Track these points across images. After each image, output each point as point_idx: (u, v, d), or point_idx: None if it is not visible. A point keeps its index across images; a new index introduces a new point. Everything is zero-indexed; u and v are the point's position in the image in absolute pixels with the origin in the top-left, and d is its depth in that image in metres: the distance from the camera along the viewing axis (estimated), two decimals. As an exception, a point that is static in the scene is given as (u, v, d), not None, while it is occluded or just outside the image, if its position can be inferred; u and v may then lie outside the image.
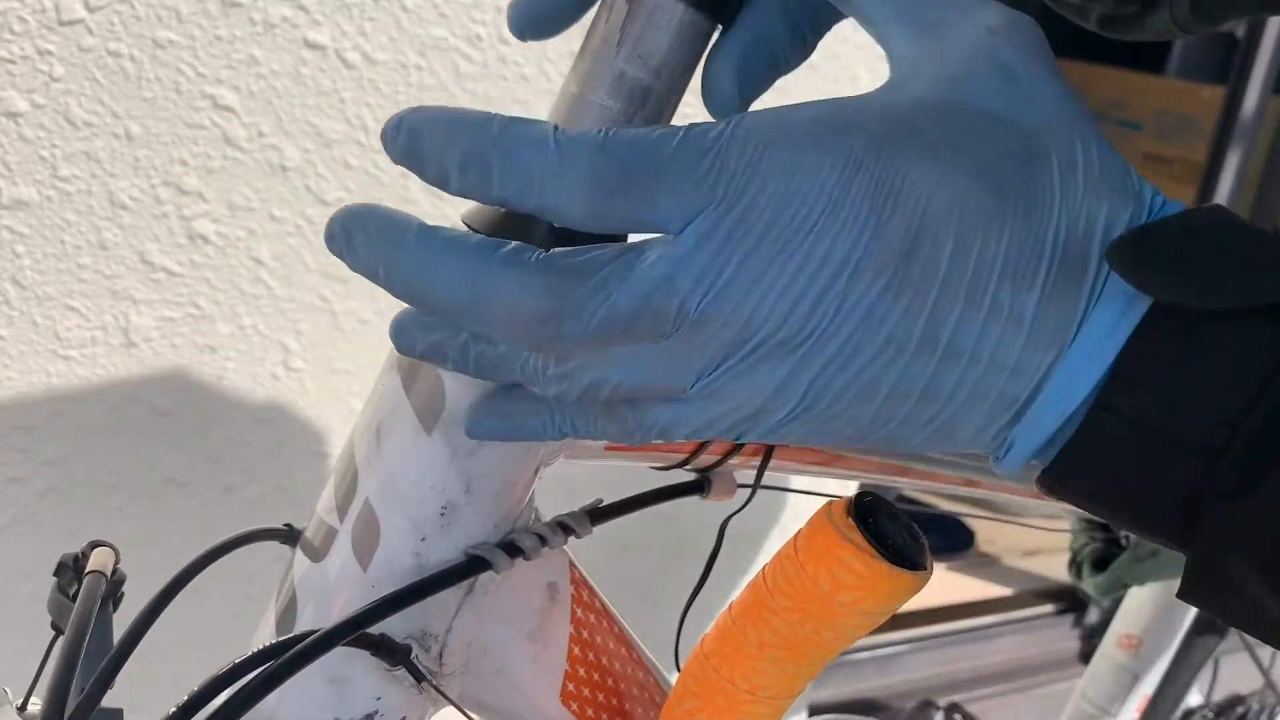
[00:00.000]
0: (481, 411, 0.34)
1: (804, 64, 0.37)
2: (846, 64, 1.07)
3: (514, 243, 0.29)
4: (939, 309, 0.29)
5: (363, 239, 0.30)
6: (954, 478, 0.60)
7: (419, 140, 0.29)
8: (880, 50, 0.33)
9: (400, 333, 0.32)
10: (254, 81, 0.78)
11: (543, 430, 0.33)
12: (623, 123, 0.34)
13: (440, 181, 0.30)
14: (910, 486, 0.60)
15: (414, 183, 0.87)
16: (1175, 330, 0.28)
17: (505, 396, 0.34)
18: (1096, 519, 0.95)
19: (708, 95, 0.36)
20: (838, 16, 0.36)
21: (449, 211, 0.88)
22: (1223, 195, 2.28)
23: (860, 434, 0.31)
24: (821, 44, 0.38)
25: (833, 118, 0.29)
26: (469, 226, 0.34)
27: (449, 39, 0.85)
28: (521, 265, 0.29)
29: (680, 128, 0.29)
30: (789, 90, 0.35)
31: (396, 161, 0.30)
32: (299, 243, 0.84)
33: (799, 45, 0.37)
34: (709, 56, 0.36)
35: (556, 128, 0.29)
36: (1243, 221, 0.29)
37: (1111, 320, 0.29)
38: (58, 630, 0.40)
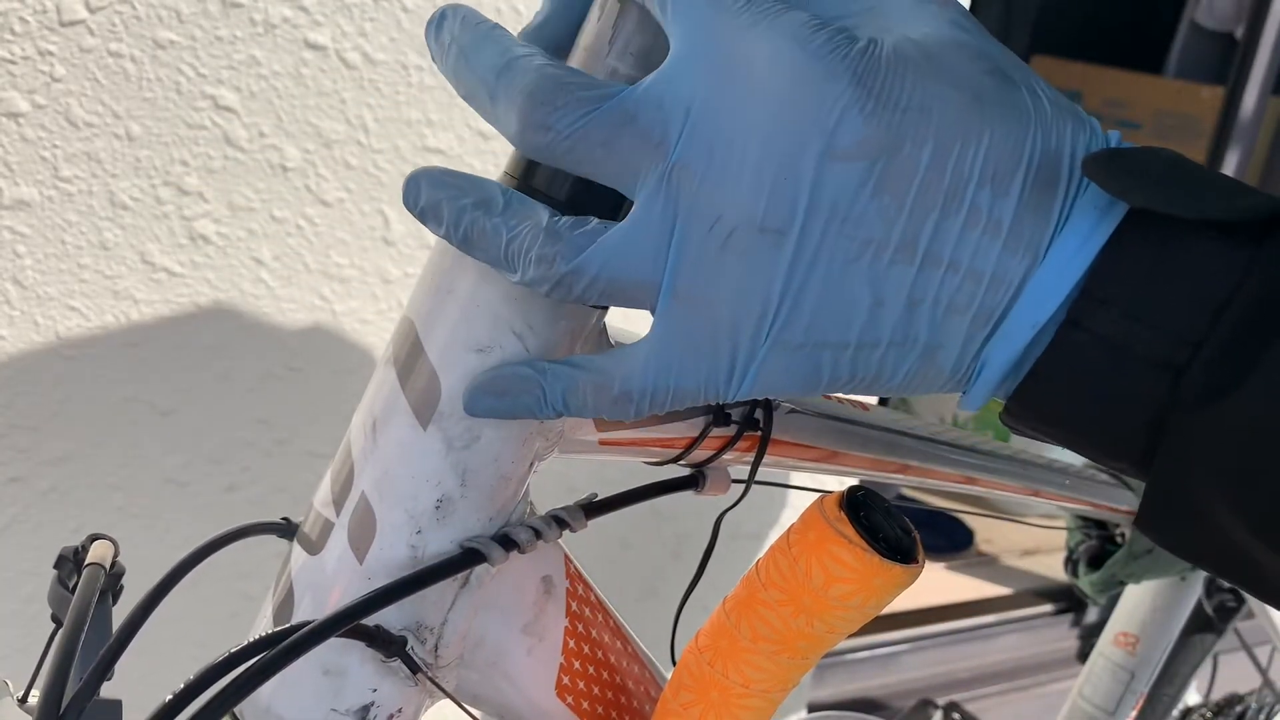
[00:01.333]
0: (479, 389, 0.35)
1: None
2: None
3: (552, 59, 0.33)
4: (917, 211, 0.29)
5: (450, 22, 0.34)
6: (953, 474, 0.60)
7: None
8: None
9: (412, 183, 0.34)
10: (255, 82, 0.78)
11: (537, 407, 0.35)
12: None
13: None
14: (909, 485, 0.60)
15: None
16: (1144, 246, 0.29)
17: (502, 375, 0.35)
18: (1091, 516, 0.95)
19: None
20: None
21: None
22: (1222, 195, 2.28)
23: (846, 369, 0.31)
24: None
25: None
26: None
27: (448, 40, 0.85)
28: (547, 65, 0.32)
29: None
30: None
31: None
32: (299, 243, 0.84)
33: None
34: None
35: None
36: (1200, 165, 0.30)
37: (1083, 234, 0.30)
38: (57, 622, 0.40)
